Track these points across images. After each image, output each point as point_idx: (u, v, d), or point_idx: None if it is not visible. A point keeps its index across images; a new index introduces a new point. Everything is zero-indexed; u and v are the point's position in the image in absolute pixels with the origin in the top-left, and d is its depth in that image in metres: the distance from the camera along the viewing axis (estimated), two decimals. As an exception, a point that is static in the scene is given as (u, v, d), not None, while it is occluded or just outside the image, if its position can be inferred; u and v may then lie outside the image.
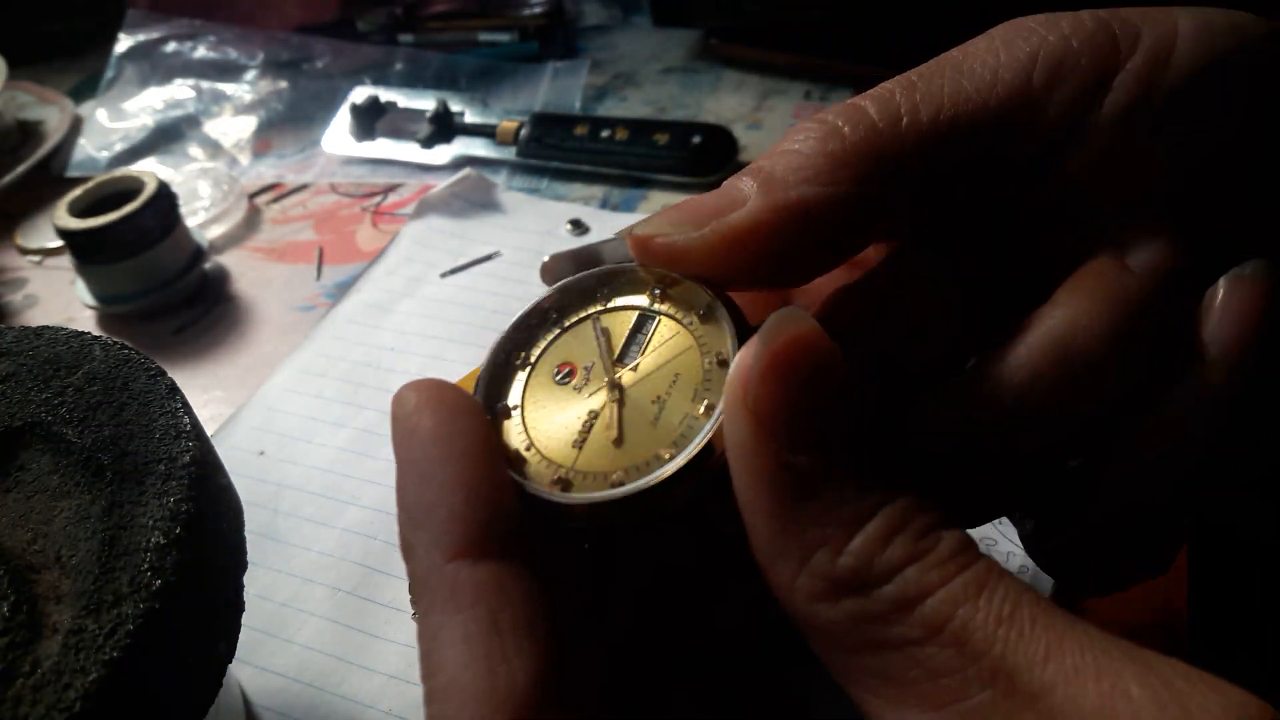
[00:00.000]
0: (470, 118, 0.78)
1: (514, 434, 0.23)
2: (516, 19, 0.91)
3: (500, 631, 0.19)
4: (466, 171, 0.72)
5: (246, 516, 0.34)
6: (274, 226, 0.75)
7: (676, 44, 0.88)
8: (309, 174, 0.79)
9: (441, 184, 0.71)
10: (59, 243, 0.70)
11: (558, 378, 0.24)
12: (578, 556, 0.24)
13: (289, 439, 0.54)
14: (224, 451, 0.44)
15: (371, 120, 0.80)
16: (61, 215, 0.63)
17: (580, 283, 0.26)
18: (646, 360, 0.23)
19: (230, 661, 0.31)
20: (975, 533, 0.45)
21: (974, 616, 0.17)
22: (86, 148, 0.85)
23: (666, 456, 0.21)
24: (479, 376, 0.24)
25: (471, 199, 0.71)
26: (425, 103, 0.79)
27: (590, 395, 0.23)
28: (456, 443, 0.21)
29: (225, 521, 0.32)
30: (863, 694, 0.18)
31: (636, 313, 0.24)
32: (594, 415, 0.23)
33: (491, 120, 0.77)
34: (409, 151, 0.77)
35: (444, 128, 0.77)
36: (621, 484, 0.21)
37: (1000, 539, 0.43)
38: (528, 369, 0.24)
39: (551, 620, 0.19)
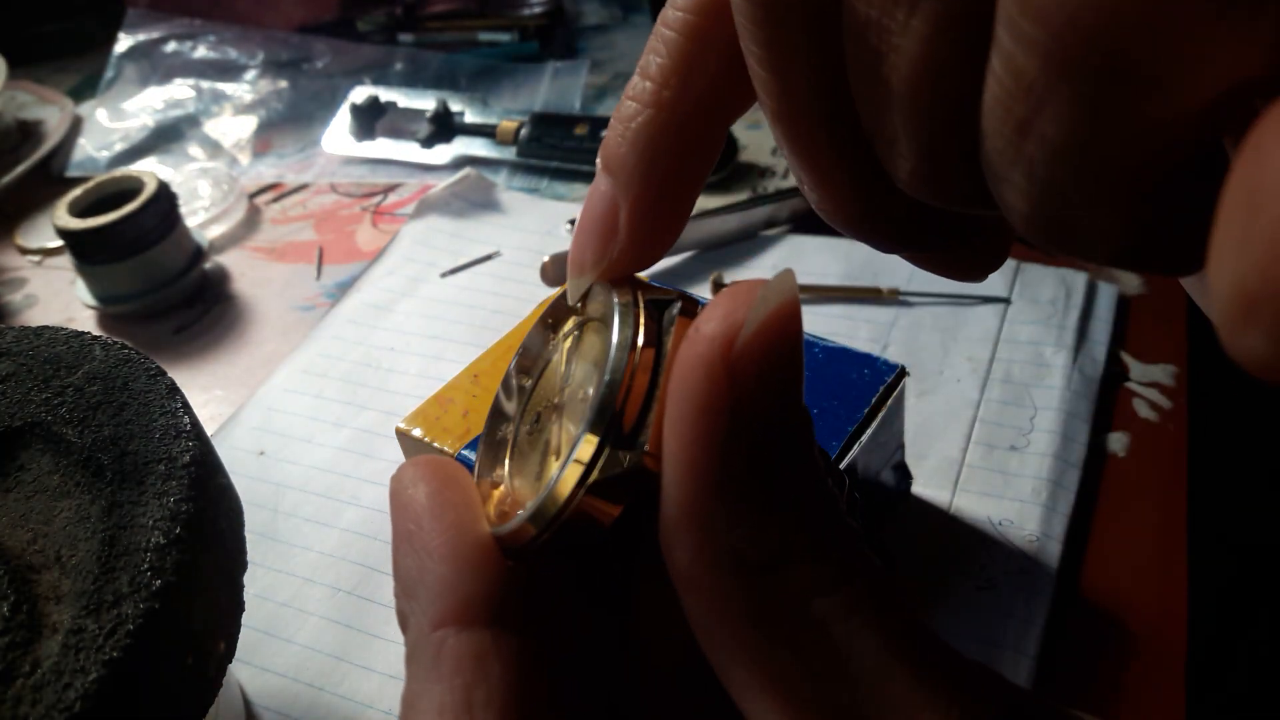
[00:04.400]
0: (470, 118, 0.78)
1: (505, 501, 0.23)
2: (516, 19, 0.91)
3: (472, 708, 0.19)
4: (466, 171, 0.72)
5: (246, 516, 0.34)
6: (274, 226, 0.75)
7: (676, 44, 0.88)
8: (309, 174, 0.79)
9: (441, 184, 0.71)
10: (59, 243, 0.70)
11: (528, 431, 0.24)
12: (577, 615, 0.23)
13: (289, 439, 0.54)
14: (224, 451, 0.44)
15: (371, 120, 0.80)
16: (61, 215, 0.63)
17: (529, 340, 0.25)
18: (575, 371, 0.23)
19: (230, 661, 0.31)
20: (992, 514, 0.44)
21: (869, 623, 0.17)
22: (86, 148, 0.85)
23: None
24: (477, 457, 0.24)
25: (471, 199, 0.71)
26: (425, 103, 0.79)
27: (546, 429, 0.23)
28: (449, 514, 0.21)
29: (225, 521, 0.32)
30: (735, 672, 0.18)
31: (570, 338, 0.24)
32: (549, 445, 0.23)
33: (491, 120, 0.77)
34: (409, 151, 0.77)
35: (444, 128, 0.77)
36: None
37: (1018, 518, 0.43)
38: (512, 439, 0.24)
39: (527, 700, 0.19)
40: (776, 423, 0.18)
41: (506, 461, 0.24)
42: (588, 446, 0.19)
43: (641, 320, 0.20)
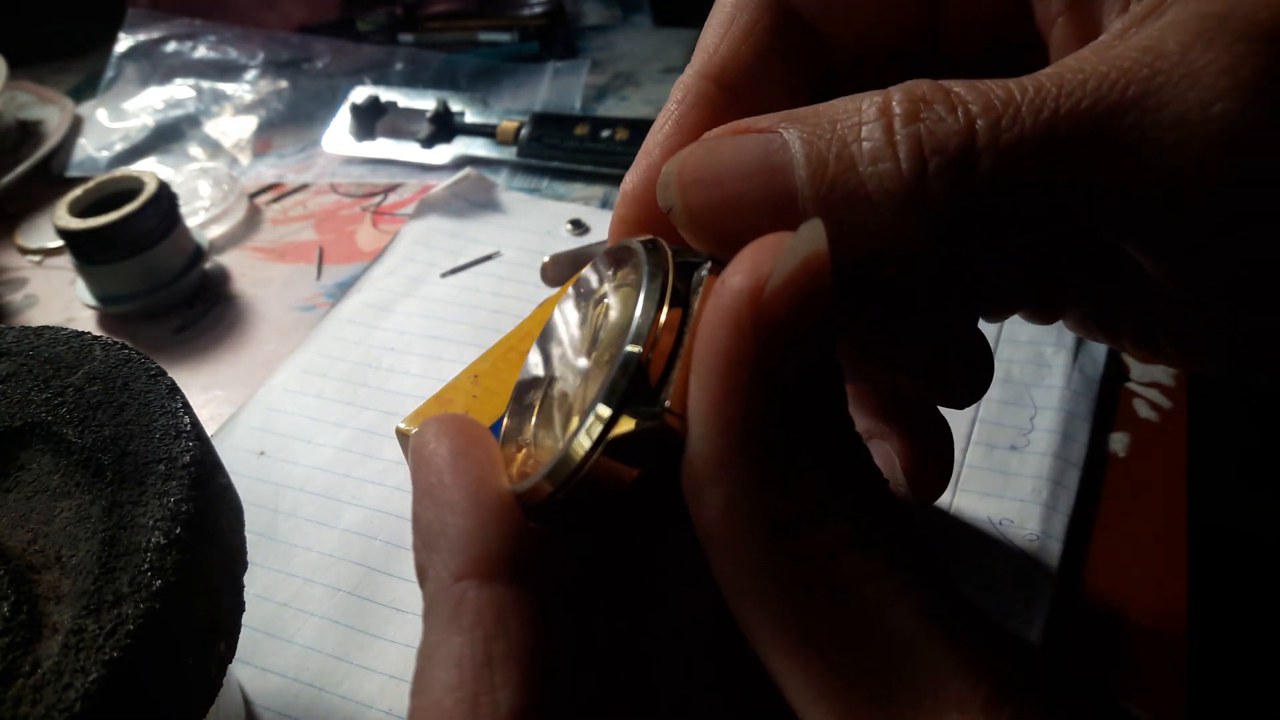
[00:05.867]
0: (470, 118, 0.78)
1: (528, 462, 0.23)
2: (516, 19, 0.91)
3: (492, 661, 0.18)
4: (466, 171, 0.72)
5: (246, 516, 0.34)
6: (274, 226, 0.75)
7: (676, 44, 0.88)
8: (309, 174, 0.79)
9: (441, 184, 0.71)
10: (59, 243, 0.70)
11: (560, 395, 0.24)
12: (591, 577, 0.23)
13: (289, 439, 0.54)
14: (224, 451, 0.44)
15: (371, 120, 0.80)
16: (61, 215, 0.63)
17: (565, 308, 0.25)
18: (603, 334, 0.23)
19: (230, 661, 0.31)
20: (992, 514, 0.44)
21: (900, 581, 0.17)
22: (86, 148, 0.85)
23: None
24: (504, 421, 0.24)
25: (471, 199, 0.71)
26: (425, 103, 0.79)
27: (571, 393, 0.23)
28: (471, 469, 0.21)
29: (225, 521, 0.32)
30: (761, 632, 0.18)
31: (604, 303, 0.24)
32: (571, 406, 0.22)
33: (491, 120, 0.77)
34: (409, 151, 0.77)
35: (444, 128, 0.77)
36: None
37: (1018, 518, 0.43)
38: (539, 403, 0.24)
39: (547, 655, 0.19)
40: (807, 377, 0.17)
41: (533, 424, 0.24)
42: (606, 406, 0.19)
43: (670, 280, 0.20)
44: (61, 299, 0.70)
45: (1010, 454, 0.47)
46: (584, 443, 0.19)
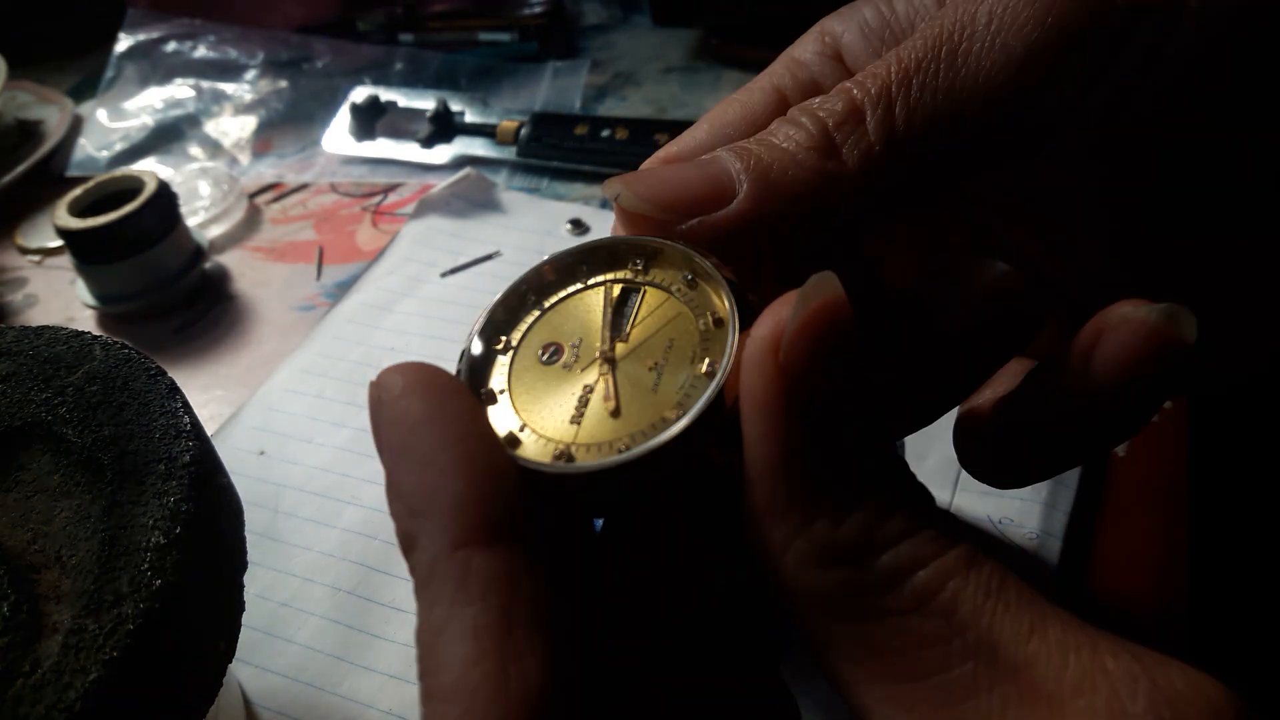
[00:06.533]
0: (470, 117, 0.78)
1: (504, 417, 0.22)
2: (516, 19, 0.91)
3: (512, 626, 0.17)
4: (466, 171, 0.72)
5: (246, 516, 0.34)
6: (274, 226, 0.75)
7: (676, 44, 0.88)
8: (309, 174, 0.79)
9: (441, 184, 0.71)
10: (59, 243, 0.70)
11: (544, 358, 0.23)
12: (583, 542, 0.23)
13: (289, 439, 0.54)
14: (224, 451, 0.44)
15: (371, 120, 0.80)
16: (61, 215, 0.63)
17: (559, 260, 0.25)
18: (636, 331, 0.23)
19: (230, 661, 0.31)
20: (992, 513, 0.44)
21: (964, 589, 0.17)
22: (86, 147, 0.85)
23: (673, 417, 0.20)
24: (459, 363, 0.24)
25: (471, 199, 0.71)
26: (425, 102, 0.79)
27: (582, 371, 0.23)
28: (452, 426, 0.20)
29: (225, 521, 0.32)
30: (841, 666, 0.18)
31: (620, 286, 0.24)
32: (589, 389, 0.22)
33: (491, 120, 0.77)
34: (409, 151, 0.77)
35: (444, 127, 0.77)
36: (628, 449, 0.20)
37: (1018, 517, 0.43)
38: (510, 352, 0.24)
39: (563, 615, 0.18)
40: (839, 409, 0.18)
41: (505, 384, 0.23)
42: (702, 426, 0.20)
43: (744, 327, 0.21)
44: (61, 299, 0.70)
45: (1010, 454, 0.47)
46: (667, 451, 0.20)
